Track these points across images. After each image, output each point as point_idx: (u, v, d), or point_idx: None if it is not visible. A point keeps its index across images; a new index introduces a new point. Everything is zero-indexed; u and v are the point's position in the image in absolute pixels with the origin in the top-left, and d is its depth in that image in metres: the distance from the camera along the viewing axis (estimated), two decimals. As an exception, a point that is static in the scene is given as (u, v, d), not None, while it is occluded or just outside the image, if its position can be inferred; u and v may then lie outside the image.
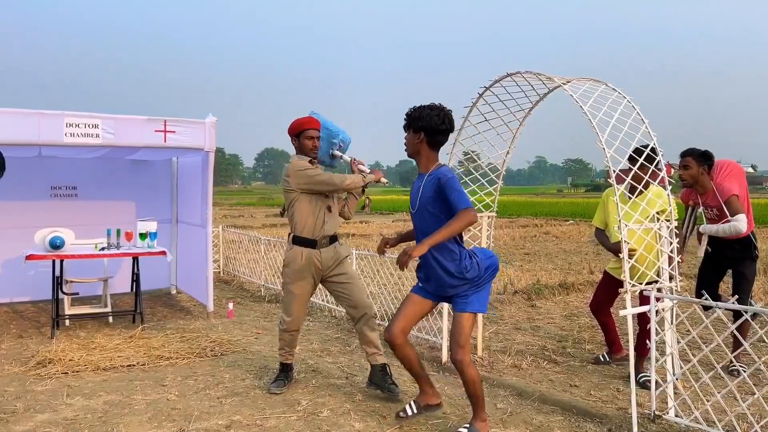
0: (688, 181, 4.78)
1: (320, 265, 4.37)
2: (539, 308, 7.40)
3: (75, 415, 3.95)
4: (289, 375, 4.55)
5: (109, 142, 6.26)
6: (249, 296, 8.40)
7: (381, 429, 3.75)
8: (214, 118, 6.82)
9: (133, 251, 6.46)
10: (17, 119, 5.90)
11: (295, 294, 4.37)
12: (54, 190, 7.86)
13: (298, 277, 4.36)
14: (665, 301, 3.79)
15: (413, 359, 3.81)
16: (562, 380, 4.68)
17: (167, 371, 4.90)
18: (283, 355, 4.52)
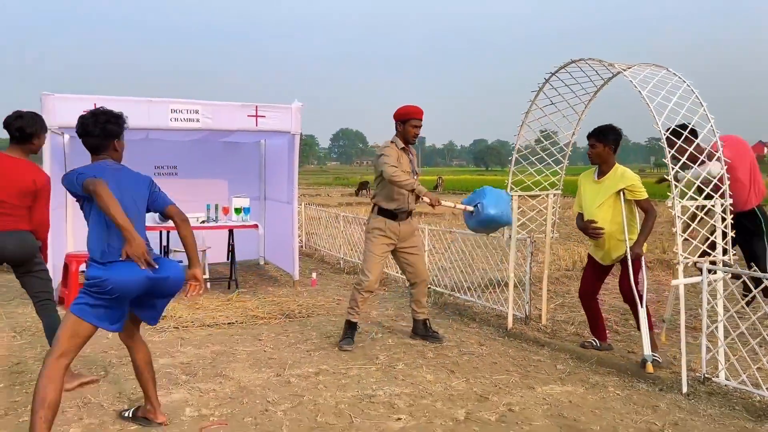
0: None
1: (399, 234, 4.94)
2: (607, 284, 7.60)
3: (189, 360, 4.65)
4: (355, 332, 5.13)
5: (208, 126, 6.97)
6: (329, 268, 9.05)
7: (449, 380, 4.24)
8: (300, 103, 7.41)
9: (229, 224, 7.18)
10: (130, 106, 6.64)
11: (375, 254, 4.96)
12: (157, 169, 8.71)
13: (379, 241, 4.95)
14: (717, 273, 4.07)
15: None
16: (621, 347, 5.01)
17: (262, 328, 5.56)
18: (350, 313, 5.09)
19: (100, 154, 3.46)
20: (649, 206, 4.61)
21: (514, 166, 5.53)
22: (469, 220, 5.09)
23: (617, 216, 4.61)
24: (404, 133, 5.04)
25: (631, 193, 4.59)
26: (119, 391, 4.00)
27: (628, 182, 4.57)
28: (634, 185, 4.58)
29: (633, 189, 4.58)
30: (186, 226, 3.38)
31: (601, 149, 4.66)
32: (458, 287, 6.82)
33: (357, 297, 5.05)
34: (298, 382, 4.17)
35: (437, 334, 5.23)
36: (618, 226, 4.60)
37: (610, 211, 4.62)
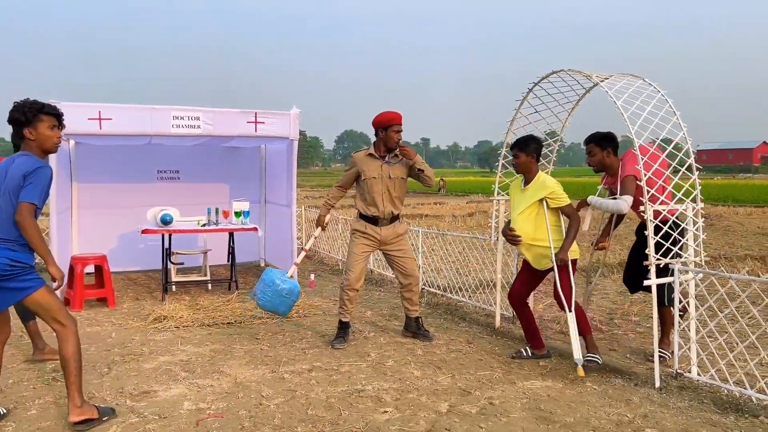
0: (596, 167, 4.88)
1: (380, 237, 5.21)
2: (596, 285, 7.85)
3: (188, 358, 4.89)
4: (347, 332, 5.34)
5: (209, 132, 7.21)
6: (328, 270, 9.28)
7: (435, 376, 4.46)
8: (298, 110, 7.65)
9: (230, 227, 7.42)
10: (134, 113, 6.94)
11: (355, 253, 5.23)
12: (160, 173, 8.98)
13: (359, 241, 5.23)
14: (688, 273, 4.28)
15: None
16: (603, 345, 5.22)
17: (260, 328, 5.79)
18: (342, 313, 5.31)
19: (22, 145, 3.55)
20: (572, 212, 4.67)
21: (500, 171, 5.74)
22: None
23: (541, 223, 4.67)
24: (386, 139, 5.18)
25: (552, 200, 4.64)
26: (121, 387, 4.23)
27: (548, 190, 4.63)
28: (555, 192, 4.63)
29: (554, 196, 4.63)
30: (20, 226, 3.37)
31: (524, 159, 4.72)
32: (450, 287, 7.05)
33: (343, 296, 5.28)
34: (292, 378, 4.40)
35: (428, 333, 5.43)
36: (542, 234, 4.65)
37: (532, 218, 4.67)
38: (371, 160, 5.22)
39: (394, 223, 5.31)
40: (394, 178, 5.23)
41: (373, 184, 5.18)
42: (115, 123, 6.80)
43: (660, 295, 4.41)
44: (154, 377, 4.43)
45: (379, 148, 5.24)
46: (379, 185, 5.18)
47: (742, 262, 9.47)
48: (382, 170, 5.20)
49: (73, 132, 6.79)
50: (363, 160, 5.23)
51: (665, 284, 4.42)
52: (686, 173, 4.42)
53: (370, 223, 5.24)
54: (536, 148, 4.75)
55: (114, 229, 8.58)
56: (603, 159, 4.80)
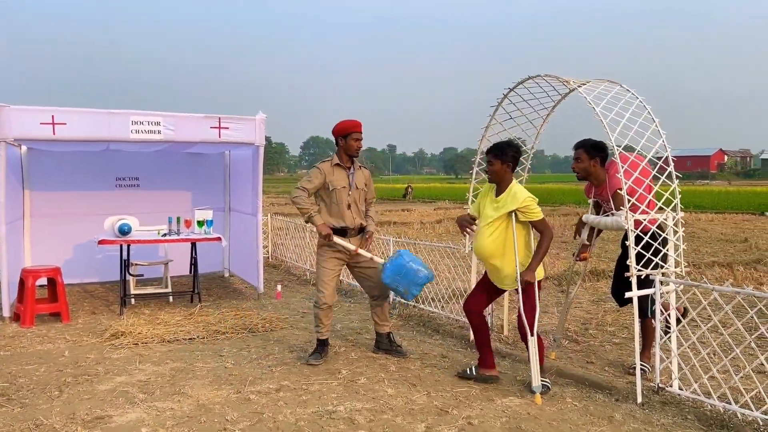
0: (581, 174, 4.64)
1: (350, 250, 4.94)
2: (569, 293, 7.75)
3: (147, 378, 4.58)
4: (325, 349, 5.09)
5: (170, 138, 6.90)
6: (296, 280, 9.01)
7: (410, 394, 4.25)
8: (264, 115, 7.39)
9: (192, 237, 7.11)
10: (89, 118, 6.59)
11: (327, 269, 4.96)
12: (119, 180, 8.60)
13: (329, 255, 4.98)
14: (669, 284, 4.16)
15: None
16: (580, 358, 5.09)
17: (224, 344, 5.51)
18: (319, 331, 5.06)
19: None
20: (544, 227, 4.27)
21: (474, 180, 5.58)
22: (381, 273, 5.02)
23: (509, 239, 4.28)
24: (346, 147, 5.01)
25: (523, 214, 4.25)
26: (73, 412, 3.91)
27: (519, 204, 4.23)
28: (528, 206, 4.23)
29: (526, 210, 4.24)
30: None
31: (499, 167, 4.33)
32: (422, 298, 6.85)
33: (318, 314, 5.03)
34: (258, 399, 4.14)
35: (401, 349, 5.21)
36: (510, 249, 4.28)
37: (500, 232, 4.29)
38: (338, 170, 5.03)
39: (361, 233, 5.11)
40: (360, 189, 5.10)
41: (342, 194, 4.99)
42: (69, 128, 6.45)
43: (643, 307, 4.29)
44: (109, 400, 4.12)
45: (342, 157, 5.07)
46: (347, 196, 5.00)
47: (709, 269, 9.52)
48: (349, 180, 5.03)
49: (24, 137, 6.43)
50: (330, 170, 5.02)
51: (649, 297, 4.28)
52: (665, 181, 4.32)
53: (338, 236, 4.99)
54: (513, 156, 4.38)
55: (69, 239, 8.17)
56: (589, 167, 4.59)
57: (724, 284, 3.85)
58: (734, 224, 17.56)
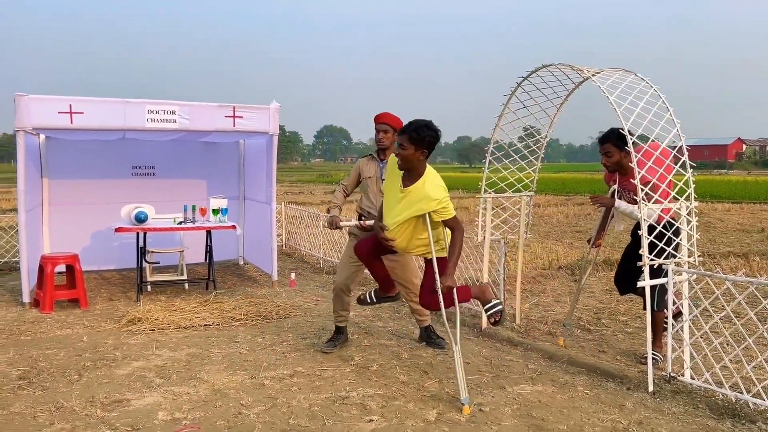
0: (612, 168, 4.60)
1: None
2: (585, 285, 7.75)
3: (164, 363, 4.67)
4: (341, 337, 5.15)
5: (185, 127, 6.96)
6: (309, 268, 9.08)
7: (422, 381, 4.30)
8: (277, 104, 7.42)
9: (207, 225, 7.18)
10: (107, 107, 6.66)
11: (346, 255, 5.06)
12: (135, 169, 8.68)
13: (352, 243, 5.04)
14: (682, 274, 4.16)
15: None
16: (592, 347, 5.10)
17: (239, 330, 5.58)
18: (337, 319, 5.12)
19: None
20: (455, 224, 3.87)
21: (487, 169, 5.58)
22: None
23: (419, 232, 3.98)
24: (375, 139, 5.15)
25: (438, 214, 3.86)
26: (92, 395, 4.00)
27: (434, 204, 3.82)
28: (444, 207, 3.83)
29: (441, 210, 3.84)
30: None
31: (411, 152, 3.82)
32: (435, 287, 6.88)
33: (334, 299, 5.10)
34: (272, 385, 4.21)
35: (441, 341, 5.18)
36: (421, 242, 4.00)
37: (409, 231, 3.97)
38: (370, 162, 5.21)
39: None
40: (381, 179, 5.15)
41: (370, 183, 5.15)
42: (86, 117, 6.52)
43: (651, 300, 4.30)
44: (127, 384, 4.21)
45: (378, 150, 5.21)
46: (374, 185, 5.12)
47: (725, 259, 9.45)
48: (378, 172, 5.16)
49: (43, 126, 6.51)
50: (364, 162, 5.24)
51: (656, 288, 4.28)
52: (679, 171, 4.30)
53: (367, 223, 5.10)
54: (430, 142, 3.83)
55: (87, 227, 8.28)
56: (621, 160, 4.54)
57: (737, 274, 3.85)
58: (751, 214, 17.38)
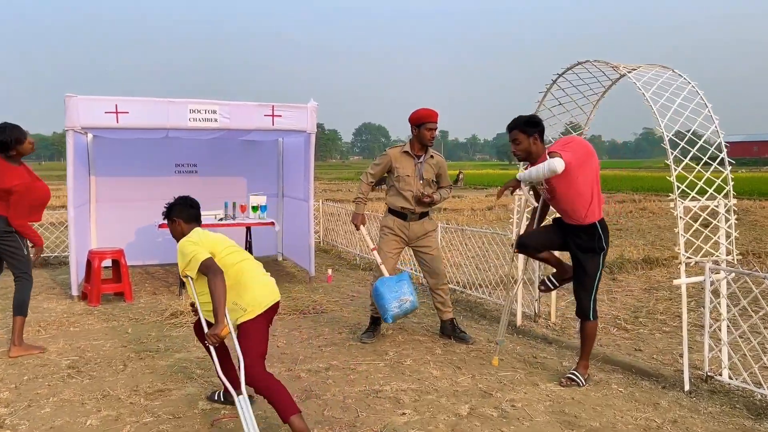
0: (522, 156, 4.24)
1: (408, 233, 5.08)
2: (620, 281, 7.68)
3: (204, 355, 4.80)
4: (378, 328, 5.25)
5: (226, 126, 7.14)
6: (346, 264, 9.19)
7: (455, 376, 4.34)
8: (315, 103, 7.54)
9: (247, 222, 7.35)
10: (150, 106, 6.88)
11: (384, 251, 5.16)
12: (177, 167, 8.93)
13: (389, 238, 5.16)
14: (720, 273, 4.10)
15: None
16: (628, 345, 5.06)
17: (276, 324, 5.70)
18: (374, 311, 5.21)
19: None
20: (206, 271, 3.36)
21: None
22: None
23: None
24: (419, 137, 5.15)
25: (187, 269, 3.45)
26: (136, 384, 4.17)
27: (181, 267, 3.50)
28: (188, 264, 3.41)
29: (185, 268, 3.44)
30: None
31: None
32: (470, 284, 6.91)
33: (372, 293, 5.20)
34: (308, 377, 4.31)
35: (464, 335, 5.24)
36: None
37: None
38: (406, 158, 5.19)
39: (423, 219, 5.24)
40: (426, 180, 5.20)
41: (406, 182, 5.15)
42: (131, 116, 6.75)
43: (584, 309, 4.18)
44: (169, 375, 4.37)
45: (414, 146, 5.21)
46: (411, 185, 5.14)
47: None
48: (416, 169, 5.17)
49: (90, 125, 6.76)
50: (398, 157, 5.21)
51: (591, 296, 4.16)
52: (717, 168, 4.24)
53: (399, 218, 5.18)
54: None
55: (132, 223, 8.56)
56: (529, 147, 4.15)
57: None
58: (801, 212, 16.81)
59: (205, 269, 3.36)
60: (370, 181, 5.31)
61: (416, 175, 5.15)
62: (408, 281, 5.02)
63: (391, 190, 5.25)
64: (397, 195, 5.20)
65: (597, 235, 4.11)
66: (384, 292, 4.88)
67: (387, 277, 5.02)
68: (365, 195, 5.33)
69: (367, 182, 5.31)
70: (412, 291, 4.98)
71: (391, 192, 5.26)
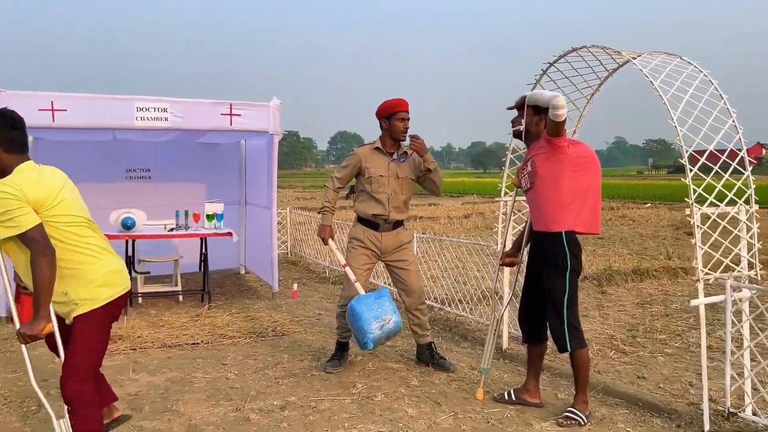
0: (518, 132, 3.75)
1: (381, 245, 4.42)
2: (610, 295, 7.11)
3: (138, 390, 4.09)
4: (344, 355, 4.57)
5: (178, 126, 6.41)
6: (314, 277, 8.49)
7: (434, 415, 3.67)
8: (279, 101, 6.86)
9: (201, 232, 6.62)
10: (91, 104, 6.13)
11: (353, 267, 4.44)
12: (129, 172, 8.16)
13: (358, 252, 4.46)
14: (743, 291, 3.51)
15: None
16: (630, 371, 4.45)
17: (229, 350, 5.00)
18: (341, 334, 4.54)
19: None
20: (29, 243, 2.56)
21: (508, 168, 4.96)
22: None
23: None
24: (391, 130, 4.46)
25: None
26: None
27: None
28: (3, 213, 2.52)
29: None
30: None
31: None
32: (449, 300, 6.26)
33: (338, 316, 4.52)
34: (259, 420, 3.61)
35: (444, 362, 4.56)
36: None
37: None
38: (377, 156, 4.49)
39: (397, 229, 4.55)
40: (402, 179, 4.50)
41: (379, 184, 4.45)
42: (70, 115, 5.99)
43: (558, 339, 3.57)
44: None
45: (386, 142, 4.51)
46: (386, 186, 4.45)
47: None
48: (390, 168, 4.47)
49: (23, 124, 5.99)
50: (368, 155, 4.49)
51: (563, 324, 3.53)
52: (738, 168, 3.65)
53: (369, 228, 4.48)
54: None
55: (77, 234, 7.75)
56: (530, 125, 3.67)
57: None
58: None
59: (30, 242, 2.52)
60: (337, 186, 4.60)
61: (391, 174, 4.48)
62: (389, 298, 4.32)
63: (362, 196, 4.56)
64: (368, 200, 4.50)
65: (561, 248, 3.51)
66: (362, 311, 4.14)
67: (364, 295, 4.30)
68: (332, 203, 4.60)
69: (334, 188, 4.59)
70: (394, 309, 4.29)
71: (361, 198, 4.56)
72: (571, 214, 3.50)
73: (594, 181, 3.61)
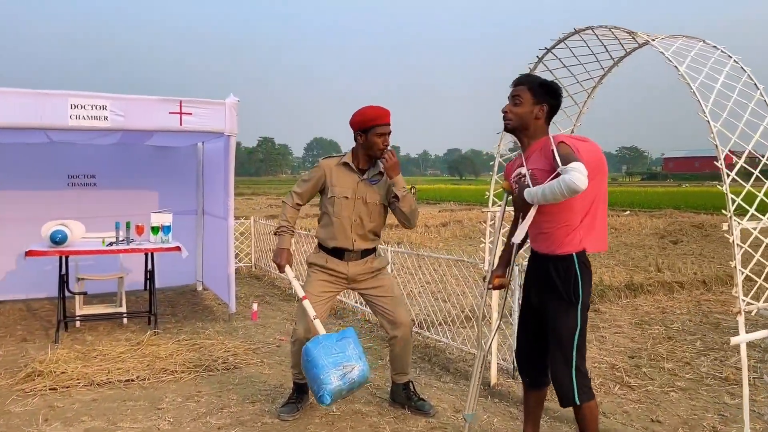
0: (512, 124, 2.93)
1: (348, 274, 3.72)
2: (603, 313, 6.47)
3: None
4: (303, 397, 3.83)
5: (119, 126, 5.62)
6: (279, 294, 7.72)
7: (412, 482, 2.95)
8: (236, 98, 6.11)
9: (145, 247, 5.82)
10: (17, 99, 5.30)
11: (310, 293, 3.69)
12: (71, 178, 7.34)
13: (317, 277, 3.75)
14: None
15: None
16: (641, 413, 3.78)
17: (168, 389, 4.21)
18: (296, 375, 3.79)
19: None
20: None
21: (496, 174, 4.27)
22: None
23: None
24: (367, 145, 3.65)
25: None
26: None
27: None
28: None
29: None
30: None
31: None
32: (428, 323, 5.55)
33: (293, 353, 3.76)
34: (190, 490, 2.85)
35: (423, 404, 3.83)
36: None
37: None
38: (345, 173, 3.70)
39: (366, 257, 3.78)
40: (370, 204, 3.70)
41: (343, 206, 3.66)
42: (-10, 111, 5.18)
43: (564, 391, 2.80)
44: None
45: (358, 158, 3.72)
46: (350, 210, 3.66)
47: None
48: (358, 190, 3.68)
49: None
50: (334, 170, 3.70)
51: (571, 370, 2.78)
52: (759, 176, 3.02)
53: (333, 256, 3.72)
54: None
55: (11, 247, 6.88)
56: (528, 116, 2.89)
57: None
58: None
59: None
60: (296, 202, 3.79)
61: (358, 197, 3.70)
62: (354, 339, 3.52)
63: (323, 219, 3.77)
64: (329, 226, 3.72)
65: (573, 273, 2.79)
66: (318, 356, 3.33)
67: (323, 335, 3.50)
68: (291, 222, 3.77)
69: (292, 204, 3.79)
70: (360, 354, 3.47)
71: (323, 221, 3.78)
72: (582, 230, 2.81)
73: (602, 187, 2.92)
